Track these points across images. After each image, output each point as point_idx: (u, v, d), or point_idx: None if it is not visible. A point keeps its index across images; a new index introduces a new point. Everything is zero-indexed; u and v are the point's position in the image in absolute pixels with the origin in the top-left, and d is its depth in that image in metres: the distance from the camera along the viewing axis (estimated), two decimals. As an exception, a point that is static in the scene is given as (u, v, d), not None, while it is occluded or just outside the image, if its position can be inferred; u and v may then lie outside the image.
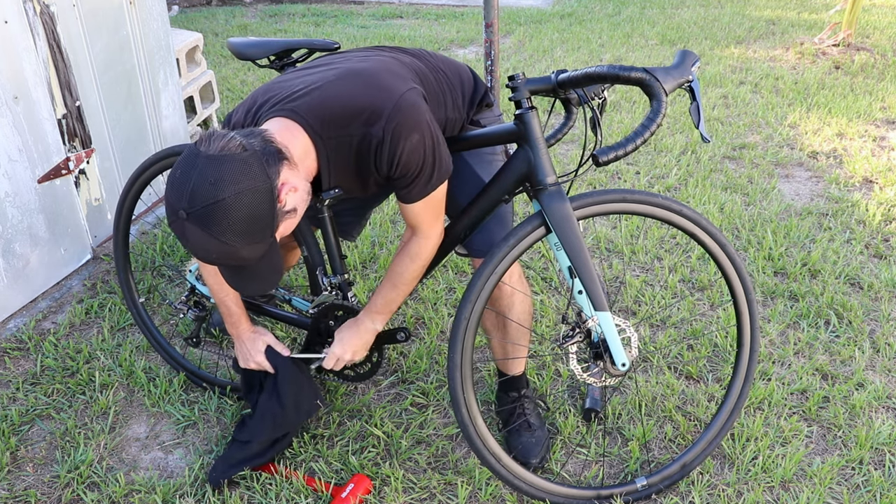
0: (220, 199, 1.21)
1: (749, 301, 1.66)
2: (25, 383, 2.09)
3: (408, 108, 1.37)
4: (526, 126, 1.48)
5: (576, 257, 1.49)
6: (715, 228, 1.59)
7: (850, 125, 3.94)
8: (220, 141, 1.25)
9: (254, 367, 1.75)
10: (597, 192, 1.52)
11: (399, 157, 1.38)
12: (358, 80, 1.40)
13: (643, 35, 5.97)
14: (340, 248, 1.74)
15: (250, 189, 1.23)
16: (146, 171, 1.94)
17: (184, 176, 1.23)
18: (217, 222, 1.22)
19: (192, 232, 1.24)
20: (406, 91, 1.38)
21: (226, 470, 1.73)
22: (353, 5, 7.53)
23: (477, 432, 1.58)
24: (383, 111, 1.35)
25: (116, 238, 2.08)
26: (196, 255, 1.28)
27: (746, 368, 1.72)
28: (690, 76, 1.35)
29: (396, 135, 1.36)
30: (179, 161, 1.26)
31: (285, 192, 1.30)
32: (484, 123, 1.69)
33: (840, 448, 1.84)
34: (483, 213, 1.60)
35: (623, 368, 1.53)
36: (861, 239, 2.78)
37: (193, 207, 1.22)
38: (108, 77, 2.69)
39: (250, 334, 1.75)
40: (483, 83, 1.70)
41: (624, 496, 1.68)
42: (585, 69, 1.40)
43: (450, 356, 1.55)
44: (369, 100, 1.37)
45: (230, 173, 1.22)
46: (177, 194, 1.23)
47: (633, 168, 3.45)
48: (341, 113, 1.37)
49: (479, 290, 1.52)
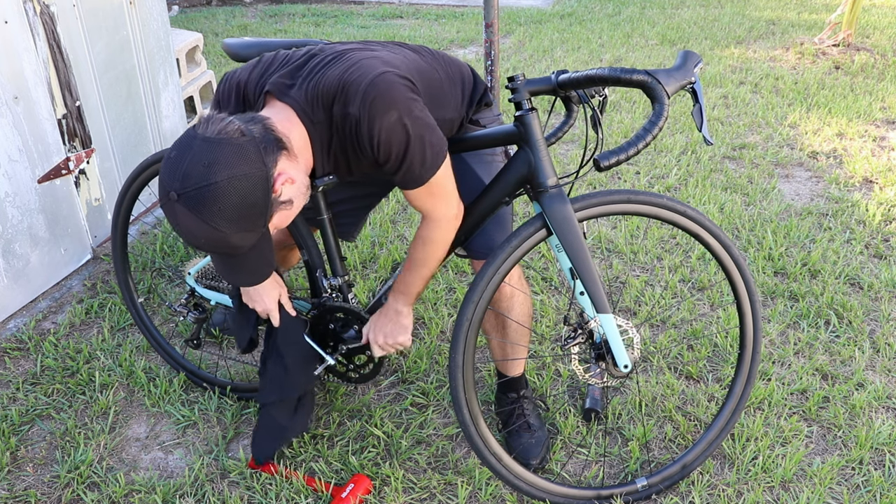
0: (212, 182, 1.19)
1: (753, 303, 1.66)
2: (25, 383, 2.09)
3: (383, 86, 1.32)
4: (526, 128, 1.48)
5: (577, 259, 1.48)
6: (718, 229, 1.59)
7: (850, 125, 3.94)
8: (218, 124, 1.23)
9: (259, 310, 1.69)
10: (601, 193, 1.52)
11: (378, 137, 1.33)
12: (341, 63, 1.38)
13: (643, 35, 5.96)
14: (340, 250, 1.74)
15: (245, 175, 1.21)
16: (142, 173, 1.93)
17: (178, 157, 1.21)
18: (208, 206, 1.20)
19: (182, 214, 1.21)
20: (384, 72, 1.35)
21: (266, 447, 1.76)
22: (353, 5, 7.53)
23: (478, 432, 1.58)
24: (357, 89, 1.32)
25: (115, 239, 2.08)
26: (185, 238, 1.26)
27: (749, 369, 1.72)
28: (693, 78, 1.34)
29: (372, 113, 1.32)
30: (176, 142, 1.25)
31: (281, 182, 1.28)
32: (483, 123, 1.68)
33: (840, 448, 1.84)
34: (484, 214, 1.60)
35: (625, 370, 1.53)
36: (861, 239, 2.78)
37: (185, 189, 1.20)
38: (108, 77, 2.69)
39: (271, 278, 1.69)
40: (483, 82, 1.70)
41: (624, 496, 1.68)
42: (587, 71, 1.40)
43: (451, 357, 1.55)
44: (346, 79, 1.34)
45: (225, 157, 1.20)
46: (170, 175, 1.21)
47: (633, 168, 3.45)
48: (325, 92, 1.35)
49: (481, 291, 1.52)
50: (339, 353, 1.79)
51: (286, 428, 1.77)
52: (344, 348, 1.78)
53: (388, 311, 1.66)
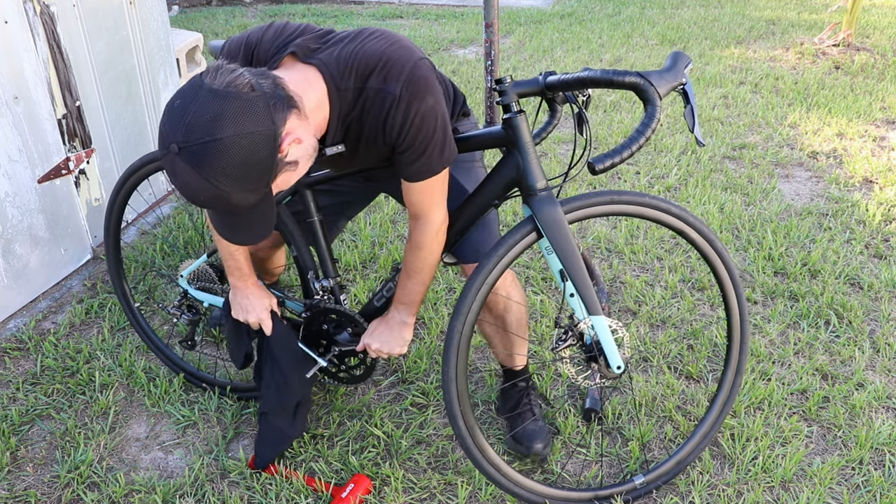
0: (216, 138, 1.11)
1: (738, 295, 1.67)
2: (25, 383, 2.09)
3: (425, 71, 1.33)
4: (514, 130, 1.46)
5: (567, 261, 1.48)
6: (703, 225, 1.59)
7: (850, 125, 3.94)
8: (227, 75, 1.15)
9: (251, 321, 1.69)
10: (585, 195, 1.51)
11: (412, 119, 1.33)
12: (382, 38, 1.37)
13: (643, 35, 5.96)
14: (332, 252, 1.73)
15: (251, 132, 1.14)
16: (131, 176, 1.91)
17: (182, 107, 1.13)
18: (210, 163, 1.13)
19: (181, 169, 1.14)
20: (423, 58, 1.36)
21: (268, 454, 1.77)
22: (353, 5, 7.53)
23: (475, 443, 1.58)
24: (403, 68, 1.31)
25: (108, 244, 2.06)
26: (184, 194, 1.20)
27: (737, 362, 1.74)
28: (684, 79, 1.33)
29: (412, 94, 1.31)
30: (180, 90, 1.16)
31: (288, 143, 1.21)
32: (462, 131, 1.67)
33: (840, 448, 1.84)
34: (471, 219, 1.59)
35: (618, 371, 1.53)
36: (861, 239, 2.78)
37: (188, 143, 1.12)
38: (108, 77, 2.69)
39: (258, 290, 1.71)
40: (462, 93, 1.70)
41: (624, 495, 1.68)
42: (578, 73, 1.39)
43: (444, 370, 1.54)
44: (391, 54, 1.32)
45: (232, 111, 1.12)
46: (172, 126, 1.14)
47: (632, 168, 3.45)
48: (363, 62, 1.32)
49: (470, 301, 1.51)
50: (332, 355, 1.79)
51: (287, 434, 1.78)
52: (336, 350, 1.78)
53: (392, 321, 1.66)
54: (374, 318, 1.72)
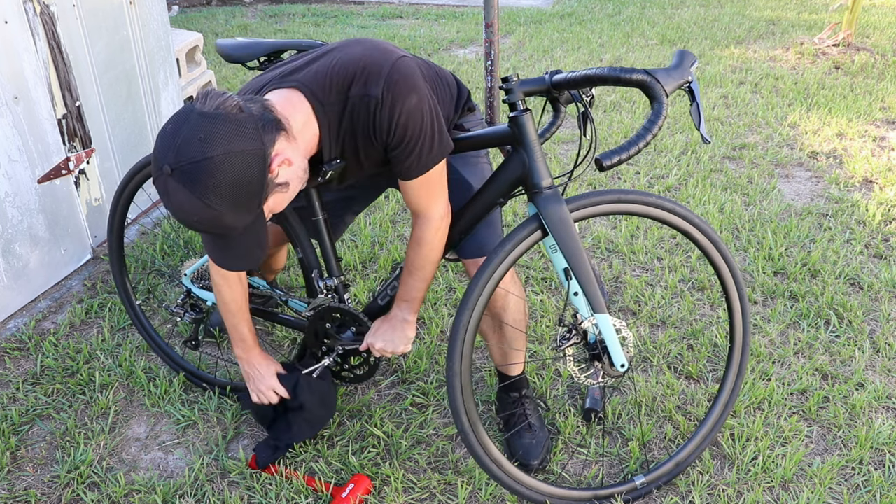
0: (207, 157, 1.15)
1: (741, 297, 1.68)
2: (25, 383, 2.09)
3: (406, 69, 1.34)
4: (520, 128, 1.47)
5: (573, 259, 1.48)
6: (708, 226, 1.60)
7: (850, 125, 3.94)
8: (216, 99, 1.20)
9: (269, 395, 1.74)
10: (592, 193, 1.52)
11: (398, 119, 1.34)
12: (357, 46, 1.38)
13: (643, 35, 5.96)
14: (335, 251, 1.74)
15: (241, 151, 1.18)
16: (136, 175, 1.91)
17: (174, 130, 1.18)
18: (202, 181, 1.16)
19: (174, 189, 1.18)
20: (403, 56, 1.37)
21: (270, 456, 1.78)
22: (353, 5, 7.53)
23: (478, 439, 1.58)
24: (381, 70, 1.33)
25: (111, 242, 2.07)
26: (177, 217, 1.22)
27: (739, 363, 1.74)
28: (690, 77, 1.34)
29: (394, 95, 1.32)
30: (173, 116, 1.21)
31: (278, 163, 1.25)
32: (468, 127, 1.67)
33: (840, 448, 1.84)
34: (478, 216, 1.59)
35: (622, 369, 1.53)
36: (861, 239, 2.78)
37: (179, 162, 1.16)
38: (108, 77, 2.69)
39: (262, 360, 1.75)
40: (466, 87, 1.70)
41: (624, 495, 1.68)
42: (585, 71, 1.39)
43: (449, 364, 1.54)
44: (368, 59, 1.34)
45: (222, 132, 1.16)
46: (164, 148, 1.18)
47: (633, 168, 3.45)
48: (342, 73, 1.34)
49: (476, 296, 1.51)
50: (336, 354, 1.80)
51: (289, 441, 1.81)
52: (340, 349, 1.78)
53: (394, 319, 1.66)
54: (378, 316, 1.73)
